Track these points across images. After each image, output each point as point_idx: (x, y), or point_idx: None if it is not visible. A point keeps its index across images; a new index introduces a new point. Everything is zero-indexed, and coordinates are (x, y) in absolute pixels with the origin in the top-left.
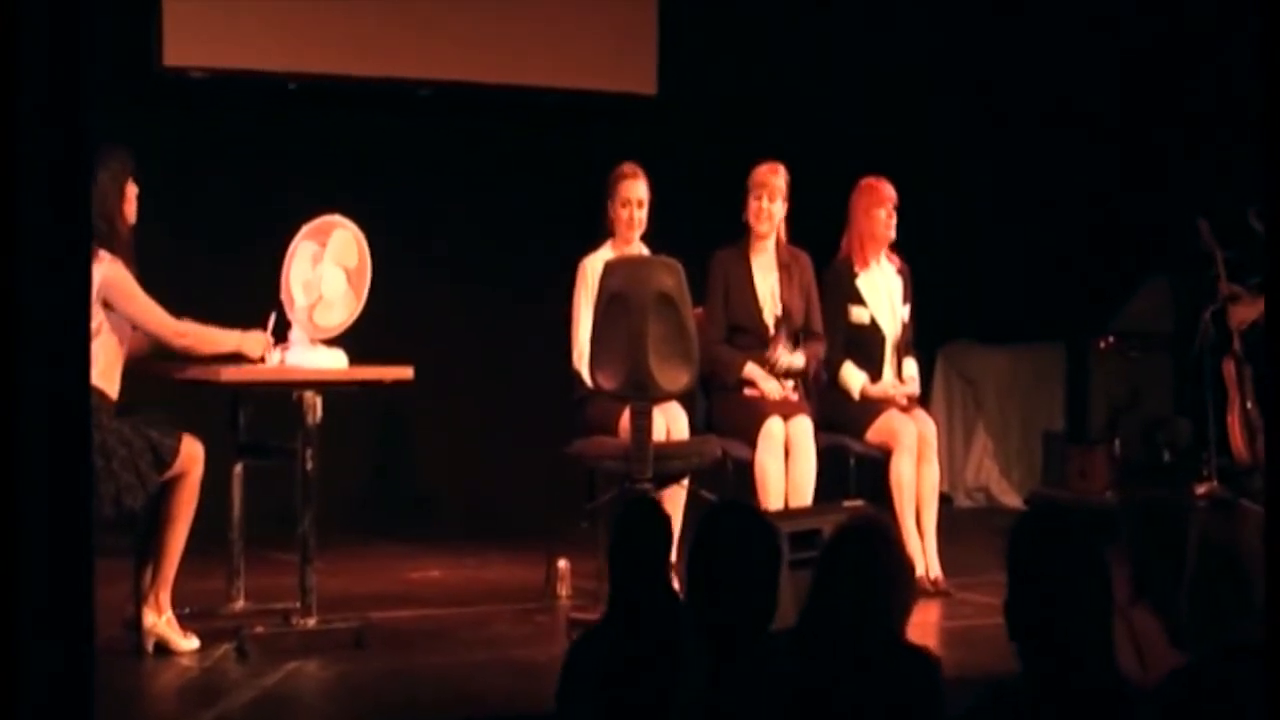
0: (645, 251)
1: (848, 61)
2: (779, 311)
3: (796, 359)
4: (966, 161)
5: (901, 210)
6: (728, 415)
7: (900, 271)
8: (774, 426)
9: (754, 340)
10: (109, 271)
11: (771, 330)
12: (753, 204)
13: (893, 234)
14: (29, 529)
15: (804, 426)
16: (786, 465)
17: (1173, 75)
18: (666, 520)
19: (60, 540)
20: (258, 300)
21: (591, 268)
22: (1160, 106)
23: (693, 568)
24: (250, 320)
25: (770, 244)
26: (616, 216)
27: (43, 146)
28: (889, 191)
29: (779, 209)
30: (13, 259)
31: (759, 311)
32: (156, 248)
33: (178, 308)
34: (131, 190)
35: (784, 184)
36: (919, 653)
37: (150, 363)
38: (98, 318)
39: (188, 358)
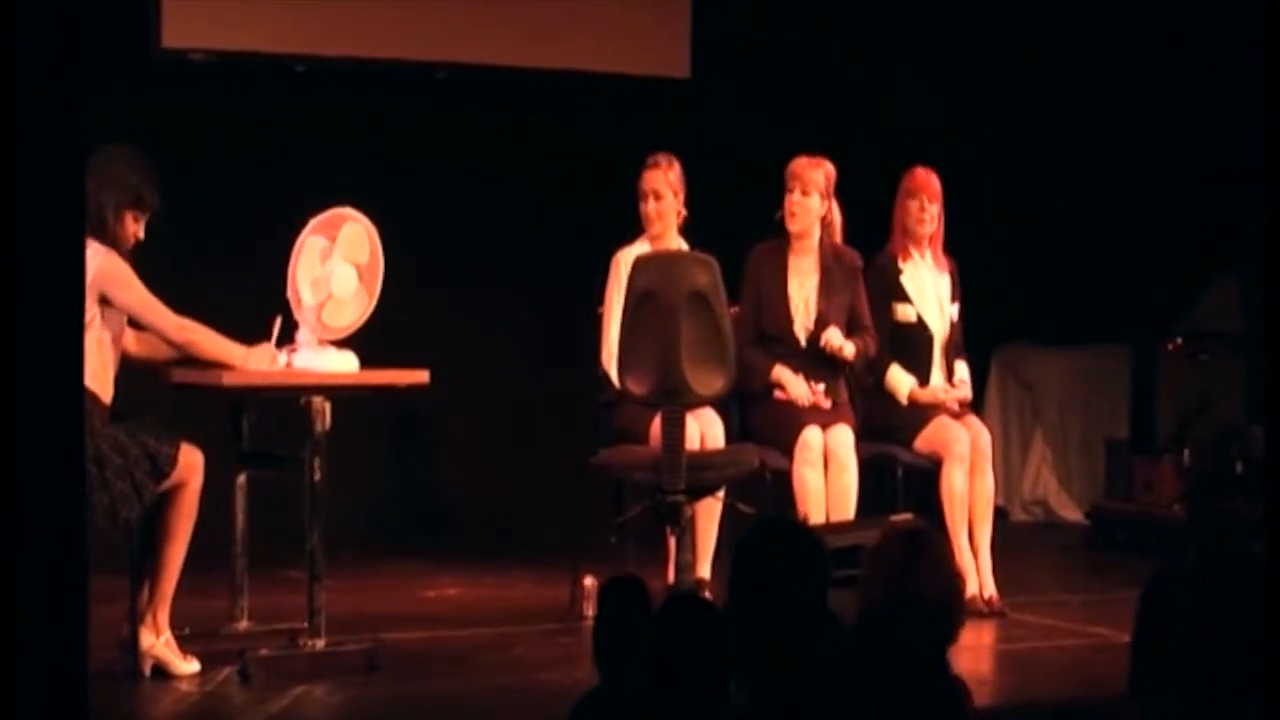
0: (683, 245)
1: (897, 42)
2: (811, 324)
3: (848, 346)
4: (1024, 151)
5: (955, 203)
6: (763, 423)
7: (948, 269)
8: (811, 437)
9: (783, 350)
10: (104, 263)
11: (803, 344)
12: (785, 198)
13: (926, 229)
14: (18, 542)
15: (844, 436)
16: (826, 477)
17: (1245, 60)
18: (645, 600)
19: (52, 555)
20: (262, 299)
21: (626, 261)
22: (1232, 94)
23: (735, 587)
24: (253, 321)
25: (812, 244)
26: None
27: (34, 135)
28: (926, 182)
29: (815, 204)
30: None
31: (790, 322)
32: (154, 242)
33: (177, 308)
34: (137, 225)
35: (824, 179)
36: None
37: (168, 368)
38: (90, 312)
39: (187, 357)
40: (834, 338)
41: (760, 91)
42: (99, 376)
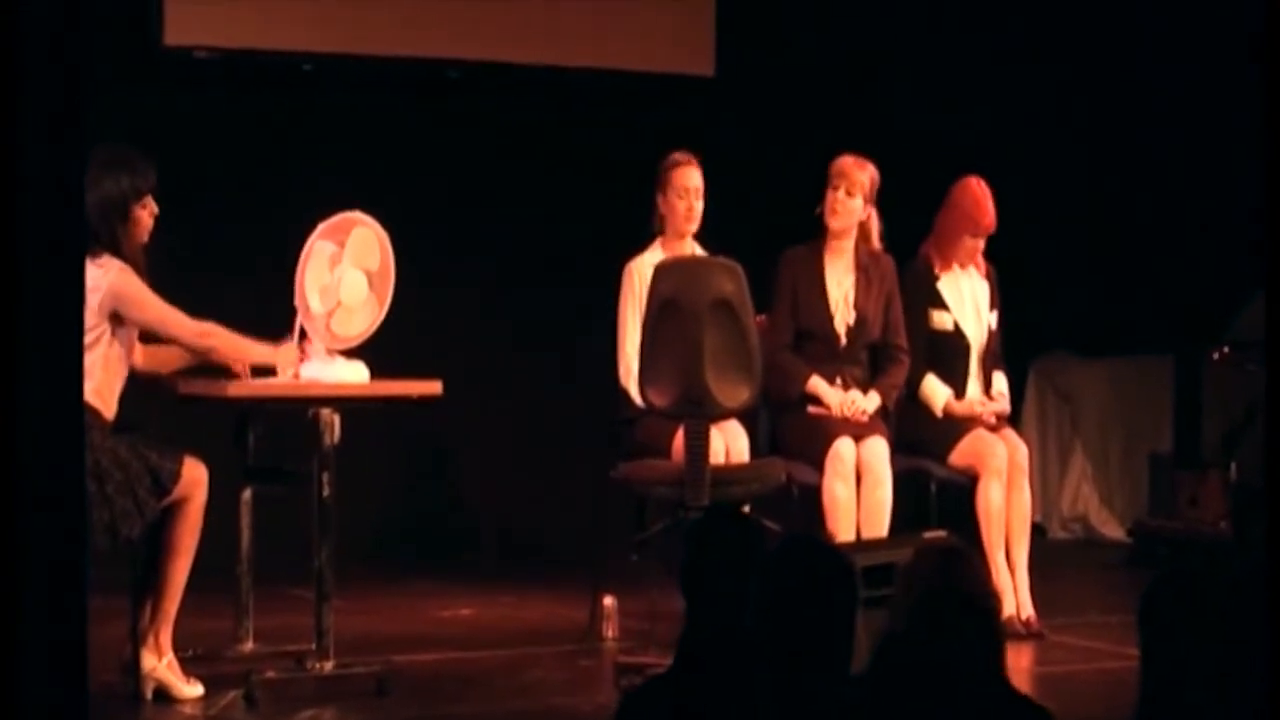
0: (700, 252)
1: (929, 42)
2: (852, 319)
3: (869, 401)
4: (1063, 152)
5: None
6: (792, 435)
7: (986, 275)
8: (843, 448)
9: (823, 349)
10: (116, 281)
11: (844, 340)
12: (828, 195)
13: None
14: (16, 561)
15: (879, 449)
16: (858, 491)
17: None
18: (756, 536)
19: (51, 574)
20: (269, 307)
21: (639, 271)
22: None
23: (758, 609)
24: (259, 329)
25: (848, 244)
26: (672, 209)
27: (35, 136)
28: (987, 217)
29: (857, 206)
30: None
31: (830, 317)
32: (157, 249)
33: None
34: (144, 212)
35: (869, 182)
36: (1029, 705)
37: (173, 379)
38: (99, 329)
39: (193, 366)
40: (859, 401)
41: (785, 91)
42: (103, 393)
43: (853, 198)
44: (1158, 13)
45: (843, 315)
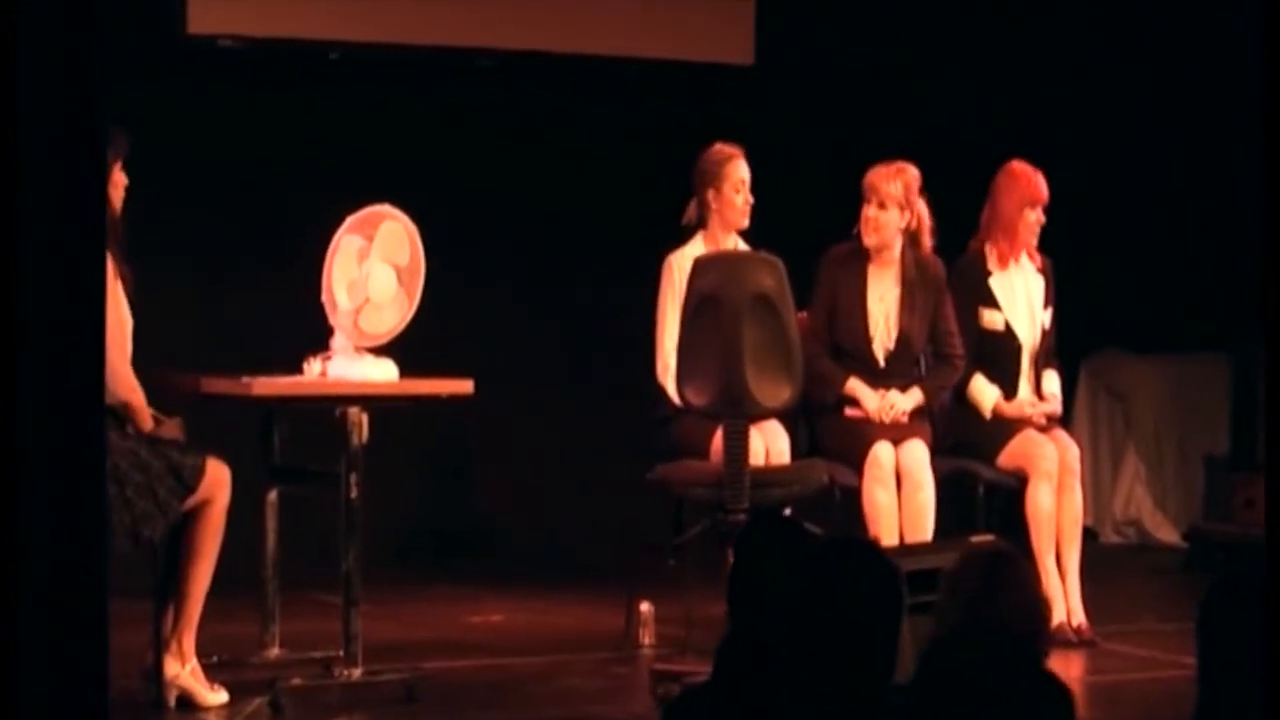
0: (742, 246)
1: (976, 31)
2: (892, 343)
3: (908, 400)
4: (1116, 143)
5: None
6: (831, 438)
7: (1041, 269)
8: (882, 453)
9: (858, 367)
10: None
11: (881, 363)
12: (862, 211)
13: (1035, 237)
14: (34, 566)
15: (918, 452)
16: (899, 496)
17: None
18: (804, 542)
19: (71, 578)
20: (295, 304)
21: (679, 265)
22: None
23: (799, 614)
24: (284, 324)
25: (893, 255)
26: (728, 204)
27: (50, 128)
28: (1043, 188)
29: (893, 218)
30: (15, 255)
31: (868, 339)
32: (180, 241)
33: (205, 309)
34: (118, 177)
35: (903, 189)
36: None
37: (191, 377)
38: None
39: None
40: (897, 402)
41: (828, 79)
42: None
43: (886, 211)
44: (1214, 7)
45: (881, 339)
